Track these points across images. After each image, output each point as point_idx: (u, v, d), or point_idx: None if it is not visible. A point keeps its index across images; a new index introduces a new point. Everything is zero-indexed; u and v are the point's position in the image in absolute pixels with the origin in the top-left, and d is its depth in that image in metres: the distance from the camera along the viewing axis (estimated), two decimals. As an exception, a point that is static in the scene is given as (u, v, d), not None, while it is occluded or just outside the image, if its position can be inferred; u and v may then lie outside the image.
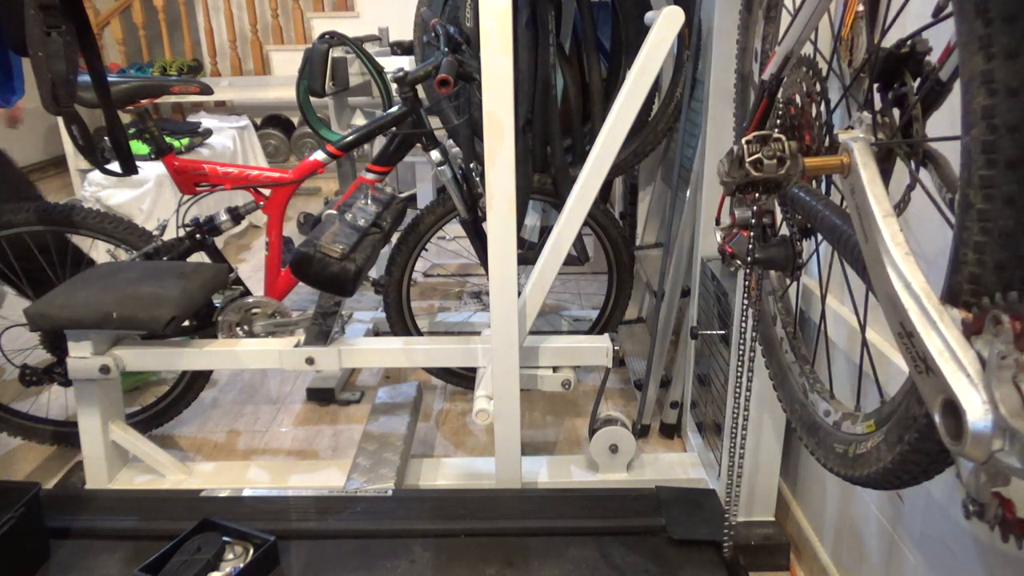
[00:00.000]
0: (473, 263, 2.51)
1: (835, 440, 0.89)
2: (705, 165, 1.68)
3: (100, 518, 1.53)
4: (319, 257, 1.54)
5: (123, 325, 1.58)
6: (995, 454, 0.52)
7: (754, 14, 1.28)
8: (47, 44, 1.35)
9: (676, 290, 1.95)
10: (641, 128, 2.11)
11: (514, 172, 1.43)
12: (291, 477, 1.81)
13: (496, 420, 1.63)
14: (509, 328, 1.56)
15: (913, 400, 0.70)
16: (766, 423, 1.56)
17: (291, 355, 1.74)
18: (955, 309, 0.59)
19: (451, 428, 2.18)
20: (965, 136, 0.56)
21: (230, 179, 1.89)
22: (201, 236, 1.91)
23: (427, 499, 1.59)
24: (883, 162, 0.76)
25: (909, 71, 0.77)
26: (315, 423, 2.22)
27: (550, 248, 1.64)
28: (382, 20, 3.50)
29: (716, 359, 1.72)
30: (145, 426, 1.99)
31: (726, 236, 1.18)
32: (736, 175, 0.84)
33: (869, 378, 1.17)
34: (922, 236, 1.05)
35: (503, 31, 1.33)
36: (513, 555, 1.42)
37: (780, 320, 1.19)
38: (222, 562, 1.36)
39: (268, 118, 5.29)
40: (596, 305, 2.43)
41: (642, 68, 1.53)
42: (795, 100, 0.97)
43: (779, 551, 1.60)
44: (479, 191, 1.96)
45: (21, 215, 1.84)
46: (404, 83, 1.82)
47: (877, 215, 0.69)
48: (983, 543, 0.97)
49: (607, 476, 1.77)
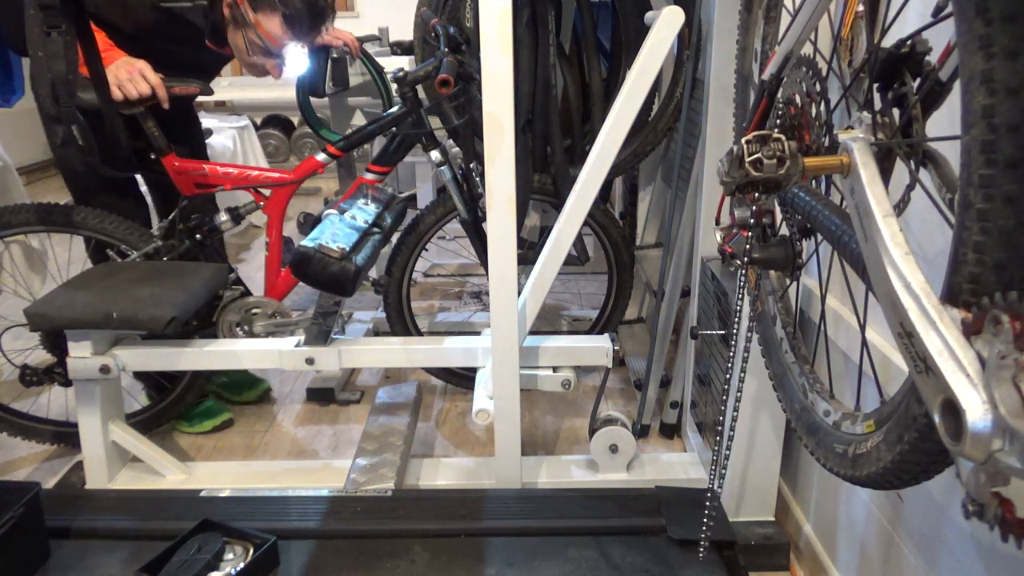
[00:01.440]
0: (473, 263, 2.51)
1: (835, 440, 0.89)
2: (705, 165, 1.68)
3: (100, 518, 1.53)
4: (319, 257, 1.54)
5: (123, 325, 1.58)
6: (995, 454, 0.52)
7: (754, 14, 1.28)
8: (47, 44, 1.35)
9: (676, 290, 1.95)
10: (641, 128, 2.11)
11: (514, 172, 1.43)
12: (291, 477, 1.81)
13: (496, 420, 1.63)
14: (509, 328, 1.56)
15: (913, 400, 0.70)
16: (766, 423, 1.56)
17: (291, 355, 1.74)
18: (955, 309, 0.59)
19: (451, 428, 2.17)
20: (965, 136, 0.56)
21: (230, 179, 1.89)
22: (201, 236, 1.91)
23: (427, 499, 1.59)
24: (883, 162, 0.76)
25: (909, 71, 0.77)
26: (315, 423, 2.22)
27: (550, 248, 1.64)
28: (382, 20, 3.50)
29: (716, 359, 1.72)
30: (145, 426, 1.99)
31: (726, 236, 1.19)
32: (736, 175, 0.84)
33: (869, 378, 1.17)
34: (922, 236, 1.05)
35: (503, 31, 1.33)
36: (513, 555, 1.41)
37: (780, 320, 1.19)
38: (222, 562, 1.36)
39: (268, 118, 5.29)
40: (596, 305, 2.43)
41: (642, 68, 1.53)
42: (795, 100, 0.97)
43: (779, 551, 1.60)
44: (479, 191, 1.96)
45: (21, 215, 1.84)
46: (404, 83, 1.82)
47: (877, 215, 0.69)
48: (983, 543, 0.97)
49: (607, 476, 1.77)
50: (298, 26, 1.70)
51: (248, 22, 1.69)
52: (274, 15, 1.68)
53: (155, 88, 1.67)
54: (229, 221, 1.93)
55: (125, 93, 1.64)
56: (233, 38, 1.77)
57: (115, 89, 1.62)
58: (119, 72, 1.63)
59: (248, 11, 1.68)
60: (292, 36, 1.72)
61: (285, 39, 1.72)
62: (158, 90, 1.67)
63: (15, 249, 2.46)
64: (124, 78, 1.63)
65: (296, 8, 1.68)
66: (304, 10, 1.69)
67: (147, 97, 1.67)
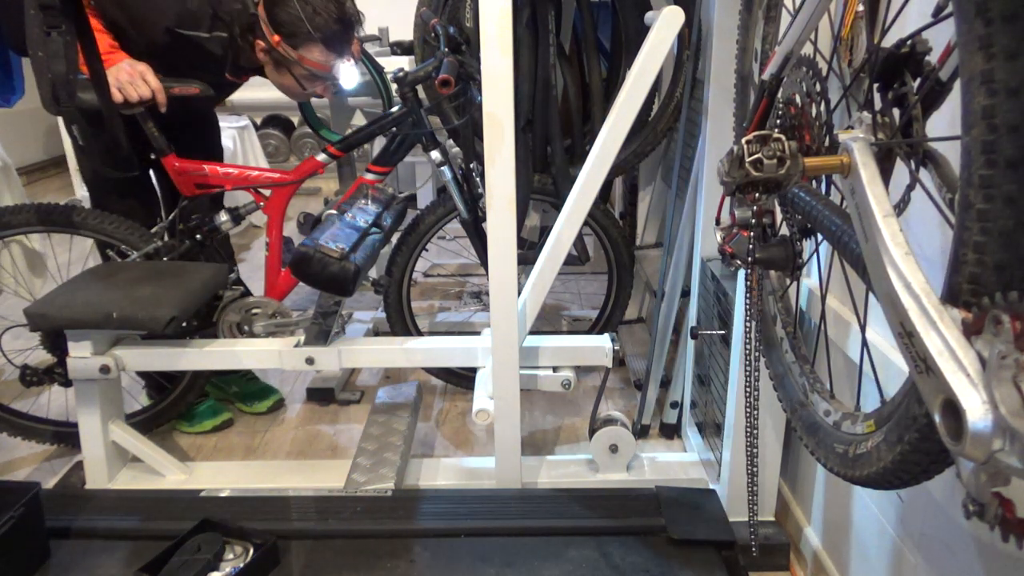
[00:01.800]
0: (473, 263, 2.51)
1: (835, 440, 0.89)
2: (705, 165, 1.68)
3: (100, 518, 1.53)
4: (319, 257, 1.54)
5: (123, 325, 1.58)
6: (995, 454, 0.52)
7: (754, 14, 1.28)
8: (47, 44, 1.35)
9: (676, 290, 1.95)
10: (641, 128, 2.11)
11: (514, 172, 1.43)
12: (291, 477, 1.81)
13: (496, 420, 1.63)
14: (509, 328, 1.56)
15: (913, 400, 0.70)
16: (766, 423, 1.56)
17: (291, 355, 1.74)
18: (955, 309, 0.59)
19: (451, 428, 2.17)
20: (965, 136, 0.56)
21: (230, 179, 1.89)
22: (202, 236, 1.91)
23: (427, 499, 1.59)
24: (883, 162, 0.76)
25: (909, 71, 0.77)
26: (315, 423, 2.22)
27: (550, 248, 1.64)
28: (382, 20, 3.49)
29: (716, 359, 1.72)
30: (145, 426, 1.99)
31: (726, 236, 1.18)
32: (736, 175, 0.84)
33: (869, 378, 1.17)
34: (922, 236, 1.05)
35: (503, 31, 1.33)
36: (513, 555, 1.42)
37: (780, 320, 1.19)
38: (222, 562, 1.36)
39: (268, 118, 5.28)
40: (596, 305, 2.43)
41: (642, 68, 1.53)
42: (795, 100, 0.97)
43: (779, 551, 1.60)
44: (479, 191, 1.96)
45: (21, 215, 1.84)
46: (404, 83, 1.82)
47: (877, 215, 0.69)
48: (983, 543, 0.97)
49: (607, 476, 1.77)
50: (337, 44, 1.72)
51: (291, 59, 1.70)
52: (314, 45, 1.69)
53: (155, 92, 1.67)
54: (229, 221, 1.93)
55: (125, 95, 1.64)
56: (279, 79, 1.79)
57: (115, 91, 1.62)
58: (120, 74, 1.64)
59: (288, 50, 1.69)
60: (336, 55, 1.74)
61: (331, 60, 1.74)
62: (158, 94, 1.68)
63: (15, 249, 2.46)
64: (125, 80, 1.64)
65: (332, 30, 1.69)
66: (338, 28, 1.70)
67: (147, 99, 1.68)
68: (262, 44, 1.71)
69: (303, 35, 1.67)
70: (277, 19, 1.67)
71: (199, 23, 1.70)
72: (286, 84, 1.79)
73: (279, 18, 1.67)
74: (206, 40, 1.72)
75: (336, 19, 1.69)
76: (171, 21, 1.67)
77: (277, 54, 1.71)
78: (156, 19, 1.67)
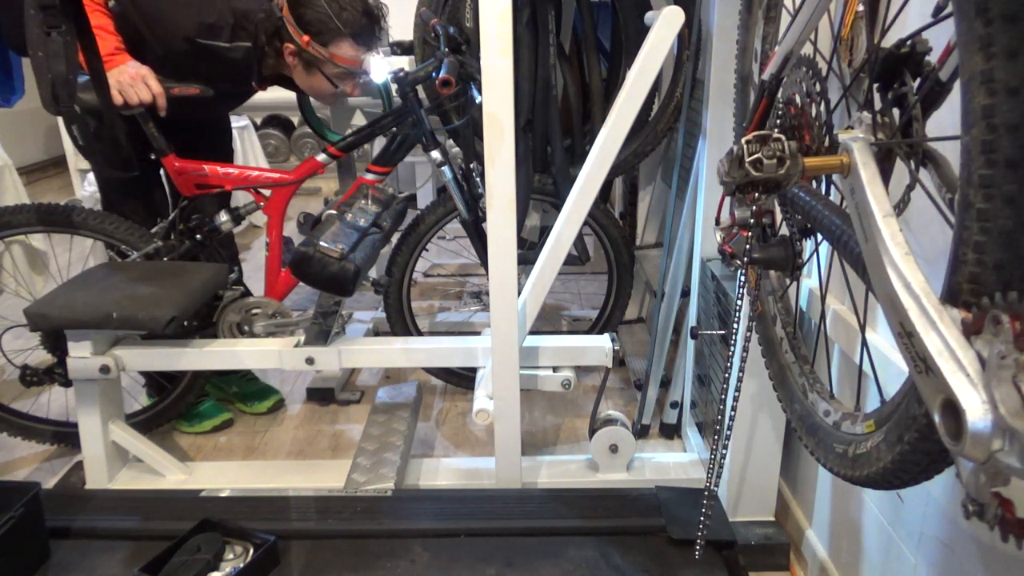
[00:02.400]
0: (473, 263, 2.51)
1: (835, 440, 0.89)
2: (705, 165, 1.68)
3: (100, 518, 1.53)
4: (319, 257, 1.54)
5: (123, 325, 1.58)
6: (995, 454, 0.52)
7: (754, 14, 1.28)
8: (47, 44, 1.35)
9: (676, 290, 1.95)
10: (641, 128, 2.10)
11: (514, 172, 1.43)
12: (291, 477, 1.81)
13: (496, 420, 1.63)
14: (509, 328, 1.56)
15: (913, 400, 0.70)
16: (766, 423, 1.56)
17: (291, 355, 1.74)
18: (955, 309, 0.59)
19: (451, 428, 2.17)
20: (965, 136, 0.56)
21: (230, 180, 1.89)
22: (202, 236, 1.91)
23: (427, 499, 1.59)
24: (883, 162, 0.76)
25: (909, 71, 0.77)
26: (315, 423, 2.22)
27: (550, 248, 1.64)
28: (382, 20, 3.49)
29: (716, 359, 1.72)
30: (145, 426, 1.99)
31: (726, 236, 1.19)
32: (736, 175, 0.84)
33: (869, 378, 1.17)
34: (922, 236, 1.05)
35: (503, 31, 1.33)
36: (513, 555, 1.42)
37: (780, 320, 1.19)
38: (222, 562, 1.36)
39: (268, 118, 5.28)
40: (596, 305, 2.43)
41: (642, 68, 1.53)
42: (795, 100, 0.97)
43: (779, 551, 1.60)
44: (479, 191, 1.96)
45: (21, 215, 1.84)
46: (404, 83, 1.82)
47: (877, 215, 0.69)
48: (983, 543, 0.97)
49: (607, 476, 1.77)
50: (366, 37, 1.73)
51: (323, 58, 1.71)
52: (343, 40, 1.69)
53: (156, 96, 1.67)
54: (229, 221, 1.93)
55: (126, 98, 1.64)
56: (309, 81, 1.78)
57: (115, 92, 1.62)
58: (122, 76, 1.64)
59: (318, 49, 1.70)
60: (365, 49, 1.74)
61: (361, 55, 1.74)
62: (159, 99, 1.68)
63: (16, 249, 2.46)
64: (126, 83, 1.64)
65: (360, 24, 1.70)
66: (365, 22, 1.71)
67: (147, 103, 1.68)
68: (291, 47, 1.71)
69: (332, 31, 1.68)
70: (304, 19, 1.67)
71: (219, 33, 1.70)
72: (317, 85, 1.79)
73: (306, 18, 1.67)
74: (226, 50, 1.72)
75: (363, 12, 1.70)
76: (190, 31, 1.68)
77: (308, 55, 1.71)
78: (175, 29, 1.68)
